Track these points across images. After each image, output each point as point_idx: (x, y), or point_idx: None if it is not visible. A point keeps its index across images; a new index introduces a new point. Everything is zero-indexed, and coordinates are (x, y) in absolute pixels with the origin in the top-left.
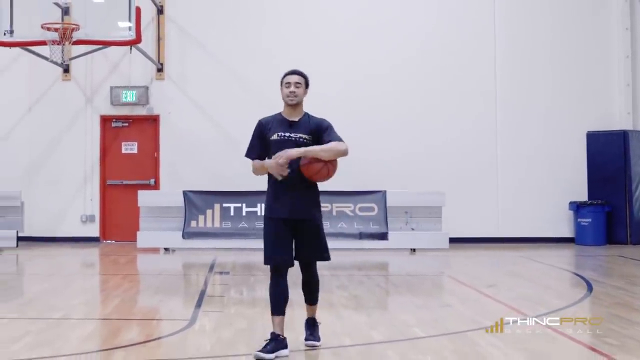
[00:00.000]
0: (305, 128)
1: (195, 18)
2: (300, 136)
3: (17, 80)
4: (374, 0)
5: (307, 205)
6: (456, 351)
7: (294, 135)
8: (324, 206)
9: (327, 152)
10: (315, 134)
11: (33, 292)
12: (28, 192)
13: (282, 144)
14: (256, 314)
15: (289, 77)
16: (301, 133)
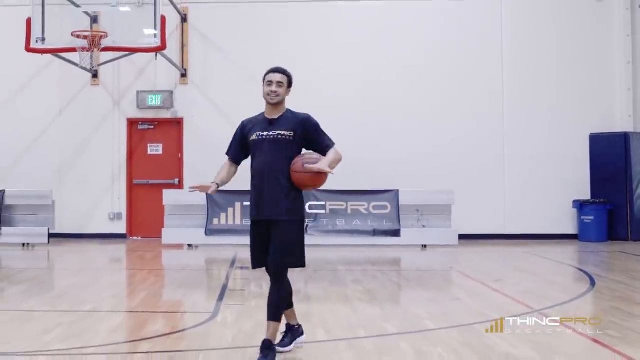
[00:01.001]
0: (286, 124)
1: (218, 25)
2: (279, 133)
3: (48, 85)
4: (386, 8)
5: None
6: (465, 343)
7: (272, 132)
8: (339, 205)
9: (335, 163)
10: (301, 131)
11: (64, 286)
12: (59, 191)
13: (260, 143)
14: None
15: (271, 76)
16: (280, 130)
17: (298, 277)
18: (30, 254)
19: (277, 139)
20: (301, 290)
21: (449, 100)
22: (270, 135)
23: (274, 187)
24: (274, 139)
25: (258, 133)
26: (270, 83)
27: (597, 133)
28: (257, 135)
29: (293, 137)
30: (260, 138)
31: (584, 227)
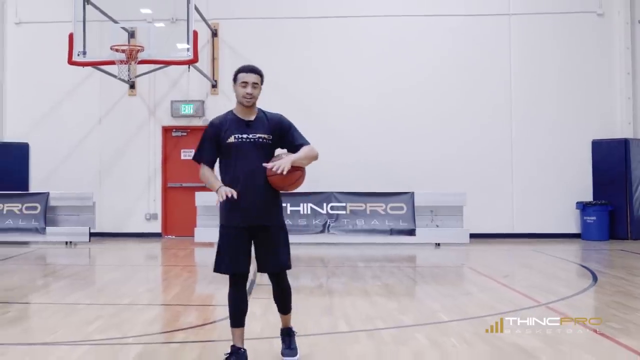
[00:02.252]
0: (263, 127)
1: (246, 40)
2: (260, 136)
3: (89, 96)
4: (402, 24)
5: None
6: (476, 333)
7: (252, 136)
8: (359, 206)
9: (306, 159)
10: (277, 132)
11: (104, 281)
12: (99, 194)
13: (241, 146)
14: (299, 300)
15: (246, 76)
16: (260, 133)
17: (321, 272)
18: (72, 251)
19: (258, 143)
20: (323, 285)
21: (460, 108)
22: (250, 139)
23: (261, 193)
24: (254, 143)
25: (237, 135)
26: (245, 84)
27: (599, 139)
28: (235, 138)
29: (271, 139)
30: (240, 141)
31: (587, 226)
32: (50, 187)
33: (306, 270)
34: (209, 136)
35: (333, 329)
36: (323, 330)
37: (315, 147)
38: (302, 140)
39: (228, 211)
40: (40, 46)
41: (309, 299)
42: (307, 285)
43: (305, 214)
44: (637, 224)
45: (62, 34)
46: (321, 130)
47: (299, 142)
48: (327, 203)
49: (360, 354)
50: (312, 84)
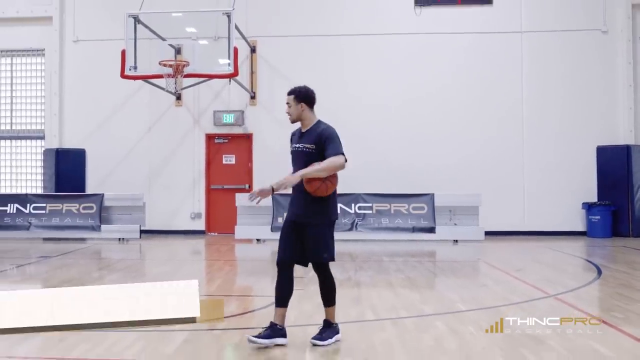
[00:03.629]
0: (310, 138)
1: (282, 56)
2: (305, 146)
3: (139, 106)
4: (424, 41)
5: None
6: (492, 321)
7: (301, 145)
8: (384, 206)
9: (323, 171)
10: (319, 143)
11: (153, 274)
12: (149, 195)
13: (293, 153)
14: None
15: (286, 98)
16: (306, 143)
17: (350, 266)
18: (125, 247)
19: (305, 151)
20: (352, 278)
21: (475, 116)
22: (299, 148)
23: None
24: (302, 151)
25: (294, 145)
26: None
27: (603, 145)
28: (292, 147)
29: (315, 149)
30: (294, 149)
31: (592, 225)
32: (104, 189)
33: (336, 264)
34: None
35: (361, 318)
36: (352, 319)
37: (341, 158)
38: (330, 152)
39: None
40: (95, 62)
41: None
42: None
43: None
44: (638, 222)
45: (115, 50)
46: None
47: (327, 153)
48: (355, 203)
49: (385, 340)
50: (342, 94)
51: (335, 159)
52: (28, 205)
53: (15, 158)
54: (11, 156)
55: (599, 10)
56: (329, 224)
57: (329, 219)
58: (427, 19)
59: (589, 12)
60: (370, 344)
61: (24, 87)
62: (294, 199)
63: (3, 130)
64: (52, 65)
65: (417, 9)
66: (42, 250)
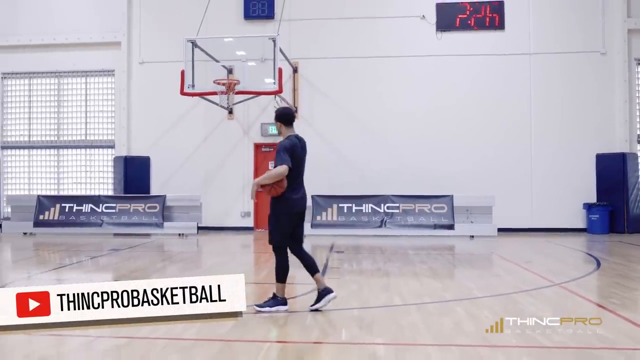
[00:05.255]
0: None
1: (321, 75)
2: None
3: (196, 120)
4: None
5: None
6: (504, 307)
7: None
8: (409, 206)
9: (267, 179)
10: None
11: (208, 265)
12: (204, 196)
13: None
14: (363, 280)
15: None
16: None
17: (380, 258)
18: (184, 241)
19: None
20: (381, 268)
21: (488, 127)
22: None
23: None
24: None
25: None
26: None
27: (601, 153)
28: None
29: None
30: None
31: (591, 223)
32: (166, 191)
33: (367, 256)
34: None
35: (389, 303)
36: (382, 304)
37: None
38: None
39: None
40: (158, 81)
41: (370, 279)
42: (368, 268)
43: (367, 212)
44: (632, 220)
45: (175, 71)
46: (381, 145)
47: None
48: (384, 204)
49: (411, 323)
50: (374, 107)
51: (276, 169)
52: (100, 205)
53: (89, 164)
54: (86, 163)
55: (598, 35)
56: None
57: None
58: (447, 42)
59: (589, 36)
60: (398, 326)
61: (97, 103)
62: None
63: (79, 141)
64: (120, 84)
65: (439, 34)
66: (113, 244)
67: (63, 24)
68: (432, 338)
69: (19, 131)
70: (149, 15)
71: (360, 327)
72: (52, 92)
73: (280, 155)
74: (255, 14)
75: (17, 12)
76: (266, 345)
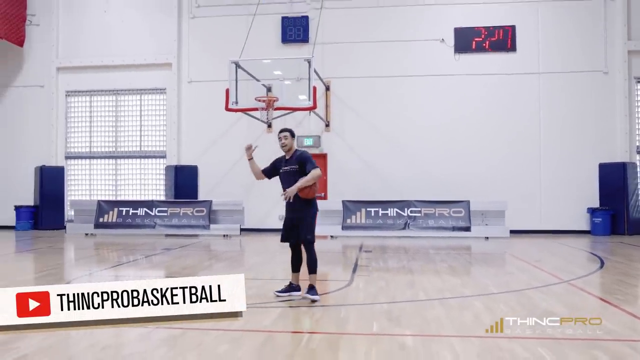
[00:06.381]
0: (294, 161)
1: (350, 93)
2: (291, 167)
3: (239, 132)
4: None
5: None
6: (518, 302)
7: (288, 167)
8: (430, 210)
9: (309, 181)
10: (301, 164)
11: (251, 263)
12: (246, 201)
13: (284, 174)
14: (390, 277)
15: (280, 134)
16: (292, 165)
17: (404, 257)
18: (228, 241)
19: (291, 171)
20: (406, 266)
21: (501, 140)
22: (286, 169)
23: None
24: (289, 171)
25: (283, 167)
26: (280, 139)
27: (604, 162)
28: (282, 169)
29: (298, 168)
30: (284, 171)
31: (595, 225)
32: (212, 197)
33: (393, 256)
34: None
35: (415, 298)
36: (408, 299)
37: (318, 170)
38: (310, 168)
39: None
40: (205, 98)
41: (396, 276)
42: (394, 266)
43: (392, 216)
44: (632, 223)
45: (220, 89)
46: (405, 156)
47: (308, 169)
48: (407, 208)
49: (435, 316)
50: (400, 121)
51: (315, 171)
52: (154, 209)
53: (143, 173)
54: (140, 171)
55: (601, 56)
56: (315, 214)
57: (315, 212)
58: (464, 63)
59: (593, 57)
60: (423, 319)
61: (150, 118)
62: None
63: (134, 151)
64: (171, 100)
65: (457, 56)
66: (165, 244)
67: (120, 47)
68: (454, 330)
69: (81, 143)
70: (196, 39)
71: (390, 319)
72: (110, 108)
73: (312, 161)
74: (292, 38)
75: (80, 38)
76: (306, 336)
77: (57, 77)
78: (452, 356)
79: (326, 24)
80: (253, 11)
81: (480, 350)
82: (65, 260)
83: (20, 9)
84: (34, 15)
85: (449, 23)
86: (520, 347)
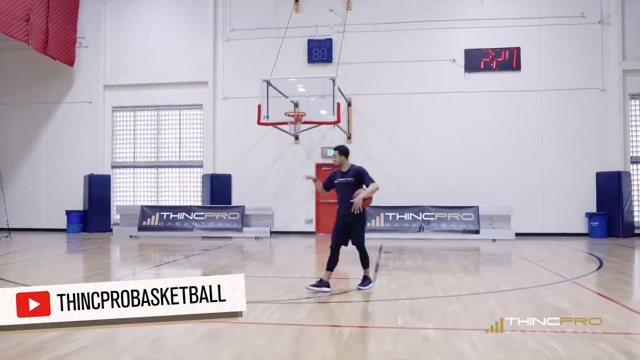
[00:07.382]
0: (350, 174)
1: (371, 108)
2: (347, 179)
3: (269, 144)
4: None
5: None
6: (527, 298)
7: (344, 179)
8: (443, 215)
9: (371, 192)
10: (357, 177)
11: (281, 263)
12: (275, 206)
13: (339, 185)
14: (409, 276)
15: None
16: (348, 177)
17: (420, 257)
18: (259, 243)
19: (348, 183)
20: (422, 266)
21: (507, 151)
22: (343, 181)
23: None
24: (346, 183)
25: (338, 179)
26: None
27: (601, 171)
28: (338, 181)
29: (354, 181)
30: (340, 182)
31: (592, 228)
32: (245, 202)
33: (410, 256)
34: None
35: (434, 295)
36: (427, 296)
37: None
38: (368, 181)
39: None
40: (238, 113)
41: (415, 275)
42: (412, 265)
43: (408, 220)
44: (626, 227)
45: (252, 105)
46: (418, 164)
47: (367, 182)
48: (422, 212)
49: (453, 311)
50: (417, 134)
51: (374, 184)
52: (192, 214)
53: (182, 181)
54: (179, 179)
55: (598, 74)
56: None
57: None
58: (473, 81)
59: (590, 76)
60: (443, 314)
61: (188, 131)
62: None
63: (174, 161)
64: (207, 115)
65: (466, 74)
66: (202, 245)
67: (161, 67)
68: (471, 324)
69: (126, 153)
70: (230, 59)
71: (412, 314)
72: (152, 122)
73: (369, 176)
74: (317, 59)
75: (124, 59)
76: (337, 330)
77: (104, 94)
78: (471, 347)
79: (348, 46)
80: (282, 34)
81: (496, 342)
82: (112, 260)
83: (71, 32)
84: (83, 38)
85: (459, 45)
86: (533, 340)
